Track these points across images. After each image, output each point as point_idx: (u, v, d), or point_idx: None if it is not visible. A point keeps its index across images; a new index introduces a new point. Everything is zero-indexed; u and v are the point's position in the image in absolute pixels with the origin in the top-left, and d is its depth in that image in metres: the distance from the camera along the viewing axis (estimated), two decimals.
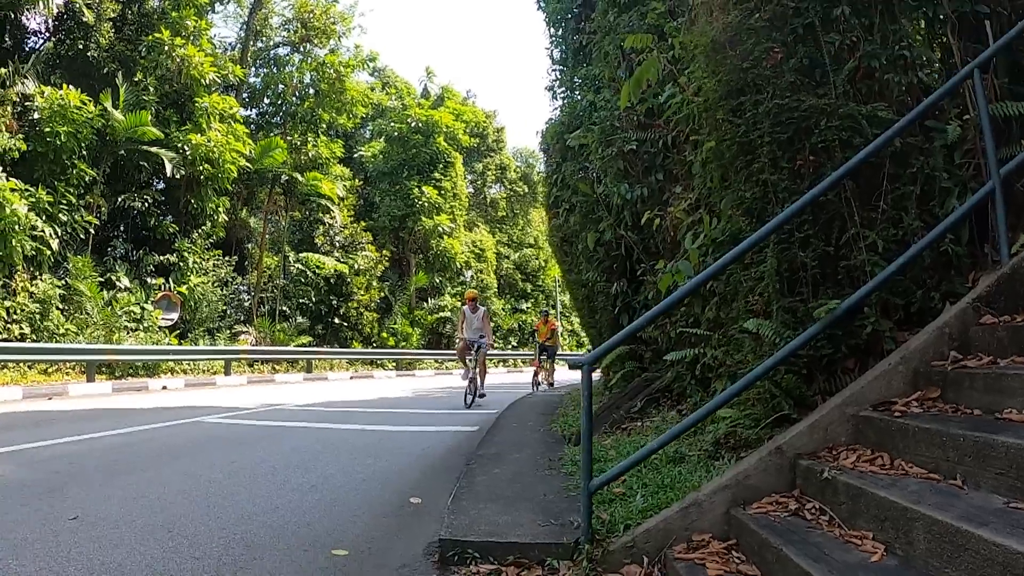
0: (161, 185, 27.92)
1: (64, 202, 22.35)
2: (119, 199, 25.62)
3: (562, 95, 13.87)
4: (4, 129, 21.41)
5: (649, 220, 7.69)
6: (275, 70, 38.58)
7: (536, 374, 21.22)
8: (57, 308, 21.57)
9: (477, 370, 14.62)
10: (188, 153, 26.48)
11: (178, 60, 26.94)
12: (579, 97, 11.95)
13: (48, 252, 21.31)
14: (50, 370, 19.91)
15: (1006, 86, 5.13)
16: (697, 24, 5.98)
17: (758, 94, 5.06)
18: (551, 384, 20.95)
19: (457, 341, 15.51)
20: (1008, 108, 4.84)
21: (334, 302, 36.07)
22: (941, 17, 5.49)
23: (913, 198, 4.92)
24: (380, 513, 5.59)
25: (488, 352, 15.66)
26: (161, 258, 26.77)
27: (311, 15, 37.21)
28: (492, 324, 22.46)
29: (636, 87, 6.74)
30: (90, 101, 23.12)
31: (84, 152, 23.35)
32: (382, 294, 39.52)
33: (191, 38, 28.05)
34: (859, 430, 4.02)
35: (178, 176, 26.33)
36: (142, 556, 4.35)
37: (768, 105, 4.96)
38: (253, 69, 38.22)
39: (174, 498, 5.90)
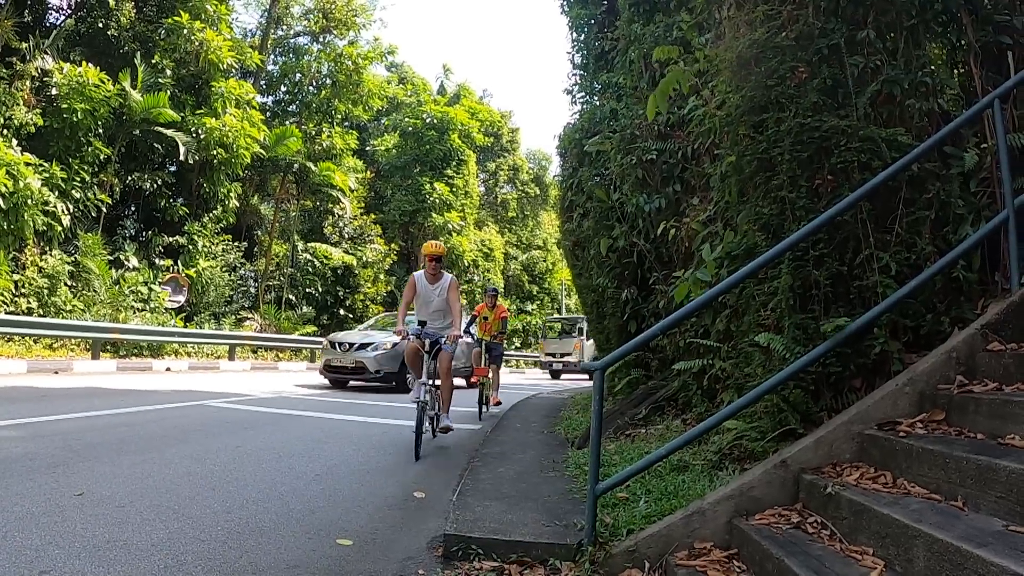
0: (174, 167, 27.97)
1: (77, 179, 22.43)
2: (132, 178, 25.70)
3: (581, 100, 13.87)
4: (22, 103, 21.51)
5: (665, 230, 7.73)
6: (294, 59, 38.66)
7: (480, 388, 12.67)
8: (65, 284, 21.70)
9: (438, 389, 8.46)
10: (202, 137, 26.55)
11: (197, 44, 27.00)
12: (599, 103, 11.98)
13: (59, 228, 21.41)
14: (55, 345, 20.02)
15: None
16: (724, 39, 6.04)
17: (781, 112, 5.11)
18: (497, 403, 13.63)
19: (401, 335, 8.68)
20: None
21: (340, 293, 36.12)
22: (964, 45, 5.55)
23: (927, 223, 4.97)
24: (384, 505, 5.64)
25: (457, 353, 9.49)
26: (171, 240, 26.86)
27: (333, 6, 37.28)
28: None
29: (663, 98, 6.78)
30: (108, 80, 23.19)
31: (100, 130, 23.44)
32: (389, 288, 39.52)
33: (211, 22, 28.10)
34: (864, 448, 4.08)
35: (191, 161, 26.40)
36: (148, 536, 4.39)
37: (790, 123, 5.01)
38: (272, 57, 38.32)
39: (180, 480, 5.96)
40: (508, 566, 4.12)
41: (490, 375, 12.93)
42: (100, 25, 25.19)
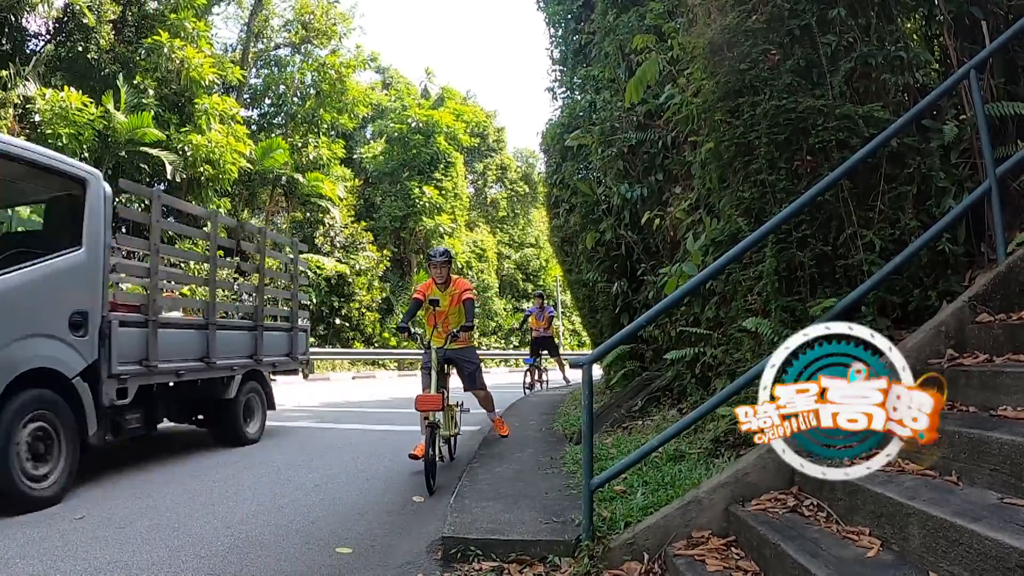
0: (162, 186, 27.88)
1: None
2: (120, 199, 25.62)
3: (562, 95, 13.78)
4: (6, 131, 21.43)
5: (649, 220, 7.72)
6: (276, 71, 38.65)
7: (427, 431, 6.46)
8: None
9: None
10: (189, 155, 26.39)
11: (177, 62, 26.89)
12: (579, 97, 11.96)
13: None
14: None
15: (1002, 86, 5.15)
16: (695, 25, 6.02)
17: (755, 95, 5.09)
18: (504, 434, 8.58)
19: None
20: (1004, 108, 4.85)
21: (335, 303, 35.98)
22: (938, 18, 5.53)
23: (910, 198, 4.94)
24: (383, 511, 5.65)
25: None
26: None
27: (312, 16, 37.30)
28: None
29: (639, 86, 6.78)
30: (91, 103, 23.08)
31: (86, 154, 23.29)
32: (383, 294, 39.39)
33: (191, 40, 28.02)
34: None
35: (179, 179, 26.32)
36: (147, 555, 4.41)
37: (766, 106, 4.99)
38: (254, 70, 38.27)
39: (179, 497, 5.96)
40: (507, 565, 4.12)
41: (451, 403, 7.46)
42: (80, 49, 25.11)
